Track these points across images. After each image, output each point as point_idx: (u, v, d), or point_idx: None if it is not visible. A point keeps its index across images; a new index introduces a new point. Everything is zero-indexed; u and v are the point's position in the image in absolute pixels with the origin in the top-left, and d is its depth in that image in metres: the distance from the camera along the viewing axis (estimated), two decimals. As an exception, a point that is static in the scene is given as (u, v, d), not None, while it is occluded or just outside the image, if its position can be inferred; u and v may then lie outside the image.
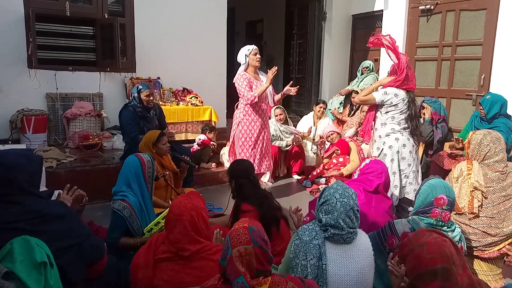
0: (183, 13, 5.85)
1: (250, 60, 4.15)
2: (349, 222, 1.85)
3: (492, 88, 4.89)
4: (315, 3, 7.20)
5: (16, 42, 4.79)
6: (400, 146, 3.56)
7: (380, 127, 3.62)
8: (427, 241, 1.57)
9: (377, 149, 3.64)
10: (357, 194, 1.98)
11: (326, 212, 1.88)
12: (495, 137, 2.70)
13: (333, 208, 1.86)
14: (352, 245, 1.88)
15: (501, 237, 2.58)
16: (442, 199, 2.17)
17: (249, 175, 2.86)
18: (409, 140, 3.57)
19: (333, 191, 1.92)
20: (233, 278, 1.43)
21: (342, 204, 1.86)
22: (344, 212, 1.84)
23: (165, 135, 3.55)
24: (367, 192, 2.73)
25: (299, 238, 1.89)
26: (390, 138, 3.57)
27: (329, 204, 1.88)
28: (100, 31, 5.34)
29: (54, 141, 5.07)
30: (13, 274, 1.43)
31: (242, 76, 4.13)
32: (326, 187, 1.99)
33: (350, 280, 1.82)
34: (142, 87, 4.17)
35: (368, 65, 6.29)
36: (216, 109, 5.75)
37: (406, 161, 3.59)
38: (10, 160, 1.77)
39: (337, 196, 1.88)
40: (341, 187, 1.94)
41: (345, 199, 1.87)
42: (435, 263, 1.48)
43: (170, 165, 3.59)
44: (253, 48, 4.17)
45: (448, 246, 1.54)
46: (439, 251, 1.51)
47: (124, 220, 2.52)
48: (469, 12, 5.23)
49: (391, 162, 3.57)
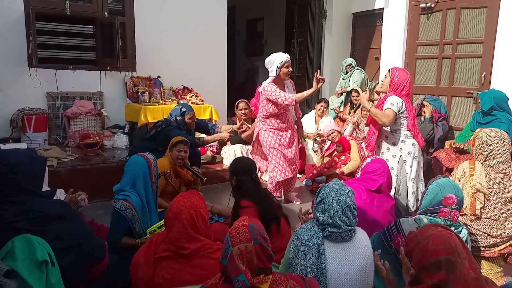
0: (183, 11, 5.85)
1: (281, 73, 3.80)
2: (346, 220, 1.85)
3: (493, 86, 4.88)
4: (315, 1, 7.19)
5: (16, 41, 4.79)
6: (417, 151, 3.48)
7: (391, 134, 3.50)
8: (432, 234, 1.57)
9: (393, 156, 3.49)
10: (354, 192, 1.98)
11: (323, 211, 1.89)
12: (500, 137, 2.64)
13: (329, 206, 1.87)
14: (351, 243, 1.88)
15: (502, 239, 2.56)
16: (452, 198, 2.15)
17: (251, 173, 2.85)
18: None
19: (329, 189, 1.92)
20: (234, 276, 1.43)
21: (338, 202, 1.86)
22: (340, 210, 1.85)
23: (184, 145, 3.31)
24: (369, 192, 2.71)
25: (298, 237, 1.90)
26: (407, 145, 3.45)
27: (325, 203, 1.89)
28: (100, 29, 5.33)
29: (55, 140, 5.07)
30: (15, 273, 1.43)
31: (273, 86, 3.83)
32: (323, 186, 1.99)
33: (350, 278, 1.82)
34: (185, 110, 3.96)
35: (351, 62, 6.22)
36: (217, 107, 5.74)
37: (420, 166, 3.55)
38: (13, 160, 1.77)
39: (333, 195, 1.88)
40: (337, 185, 1.94)
41: (341, 197, 1.87)
42: (439, 254, 1.48)
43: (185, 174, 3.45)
44: (287, 59, 3.78)
45: (453, 239, 1.55)
46: (443, 243, 1.51)
47: (126, 220, 2.51)
48: (470, 10, 5.22)
49: (411, 168, 3.46)
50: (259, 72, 9.09)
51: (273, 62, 3.76)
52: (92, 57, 5.49)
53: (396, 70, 3.48)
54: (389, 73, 3.52)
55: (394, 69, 3.51)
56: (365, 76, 6.21)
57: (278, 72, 3.79)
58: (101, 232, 2.74)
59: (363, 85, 6.03)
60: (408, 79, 3.46)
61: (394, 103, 3.38)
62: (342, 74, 6.35)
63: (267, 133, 4.00)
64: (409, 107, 3.46)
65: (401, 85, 3.43)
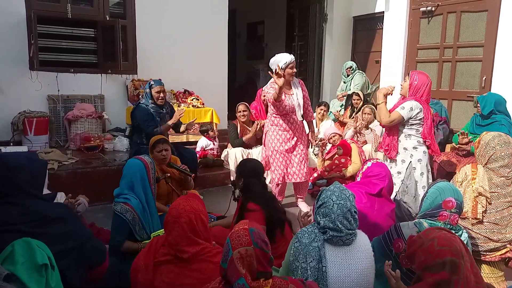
0: (184, 15, 5.86)
1: (285, 74, 3.69)
2: (347, 224, 1.85)
3: (493, 89, 4.88)
4: (316, 5, 7.21)
5: (17, 44, 4.81)
6: (428, 159, 3.41)
7: (405, 139, 3.41)
8: (437, 236, 1.57)
9: (402, 161, 3.43)
10: (355, 196, 1.97)
11: (324, 214, 1.88)
12: (504, 140, 2.63)
13: (330, 210, 1.86)
14: (352, 247, 1.88)
15: (503, 243, 2.56)
16: (451, 202, 2.14)
17: (259, 175, 2.83)
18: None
19: (330, 193, 1.91)
20: (234, 280, 1.43)
21: (339, 206, 1.85)
22: (341, 214, 1.84)
23: (162, 143, 3.37)
24: (370, 195, 2.71)
25: (299, 240, 1.89)
26: (418, 152, 3.36)
27: (326, 207, 1.88)
28: (102, 33, 5.35)
29: (56, 143, 5.08)
30: (14, 276, 1.43)
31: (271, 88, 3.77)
32: (324, 189, 1.98)
33: (351, 282, 1.82)
34: (153, 83, 4.12)
35: (351, 65, 6.22)
36: (218, 110, 5.74)
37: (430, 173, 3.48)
38: (13, 161, 1.78)
39: (333, 199, 1.88)
40: (338, 189, 1.93)
41: (342, 201, 1.87)
42: (445, 255, 1.48)
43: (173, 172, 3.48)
44: (290, 61, 3.71)
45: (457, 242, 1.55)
46: (449, 245, 1.51)
47: (127, 223, 2.51)
48: (470, 14, 5.23)
49: (421, 176, 3.38)
50: (259, 75, 9.11)
51: (277, 62, 3.71)
52: (93, 60, 5.50)
53: (416, 73, 3.37)
54: (408, 76, 3.42)
55: (414, 72, 3.40)
56: (366, 79, 6.21)
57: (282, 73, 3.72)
58: (101, 235, 2.74)
59: (364, 88, 6.04)
60: (428, 83, 3.34)
61: (408, 107, 3.28)
62: (343, 77, 6.35)
63: (273, 135, 3.95)
64: (427, 114, 3.33)
65: (421, 89, 3.31)
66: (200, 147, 5.21)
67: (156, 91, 4.08)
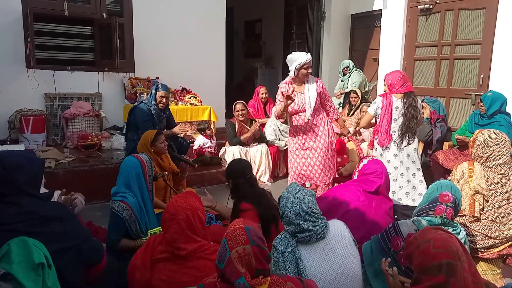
0: (181, 12, 5.85)
1: (300, 74, 3.62)
2: (311, 223, 1.87)
3: (491, 87, 4.89)
4: (313, 3, 7.20)
5: (14, 42, 4.79)
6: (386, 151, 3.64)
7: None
8: (433, 237, 1.57)
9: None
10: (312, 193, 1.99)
11: (287, 223, 1.93)
12: (501, 139, 2.62)
13: (289, 219, 1.90)
14: (328, 239, 1.90)
15: (501, 240, 2.56)
16: (447, 195, 2.15)
17: (245, 175, 2.85)
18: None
19: (285, 201, 1.95)
20: (234, 280, 1.42)
21: (296, 213, 1.88)
22: (301, 219, 1.87)
23: (162, 134, 3.53)
24: (367, 193, 2.70)
25: (275, 249, 1.92)
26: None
27: (285, 216, 1.92)
28: (99, 31, 5.33)
29: (53, 141, 5.06)
30: (11, 276, 1.42)
31: (282, 88, 3.71)
32: (280, 197, 2.01)
33: (334, 274, 1.83)
34: (160, 87, 4.25)
35: (348, 64, 6.20)
36: (215, 108, 5.74)
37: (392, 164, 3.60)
38: (10, 160, 1.75)
39: (289, 206, 1.91)
40: (291, 194, 1.95)
41: (297, 206, 1.89)
42: (441, 258, 1.48)
43: (169, 165, 3.56)
44: (305, 61, 3.56)
45: (454, 242, 1.54)
46: (445, 246, 1.51)
47: (124, 221, 2.51)
48: (468, 12, 5.23)
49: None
50: (257, 73, 9.10)
51: (292, 62, 3.64)
52: (90, 58, 5.48)
53: (388, 74, 3.65)
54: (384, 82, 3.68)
55: (387, 75, 3.67)
56: (364, 77, 6.20)
57: (296, 73, 3.65)
58: (98, 234, 2.73)
59: (362, 86, 6.03)
60: (401, 76, 3.56)
61: (373, 104, 3.58)
62: (340, 76, 6.34)
63: (292, 135, 3.88)
64: (385, 105, 3.53)
65: (397, 84, 3.53)
66: (198, 145, 5.21)
67: (160, 95, 4.21)
